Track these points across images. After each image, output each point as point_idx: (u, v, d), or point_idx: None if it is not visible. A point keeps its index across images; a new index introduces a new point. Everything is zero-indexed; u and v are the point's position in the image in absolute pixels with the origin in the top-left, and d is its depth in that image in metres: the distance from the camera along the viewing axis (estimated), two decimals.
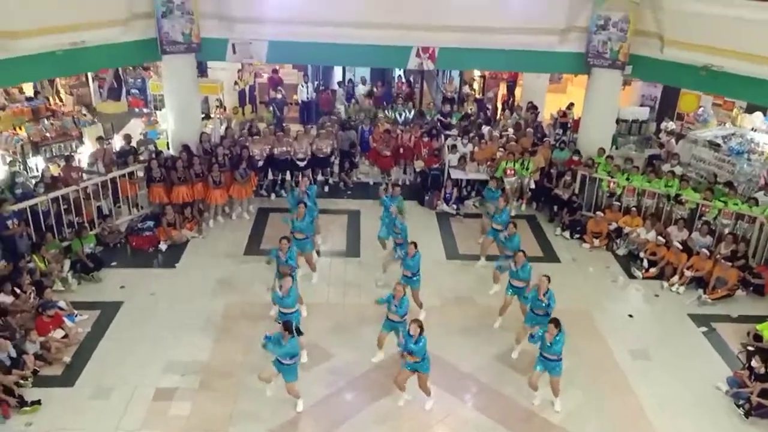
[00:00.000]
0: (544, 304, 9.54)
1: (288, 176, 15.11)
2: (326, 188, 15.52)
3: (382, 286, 11.28)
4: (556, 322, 8.71)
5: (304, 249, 11.32)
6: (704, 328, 11.14)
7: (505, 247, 11.40)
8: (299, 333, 9.03)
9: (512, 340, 10.20)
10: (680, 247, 12.52)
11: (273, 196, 14.94)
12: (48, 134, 15.35)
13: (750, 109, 17.39)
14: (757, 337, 10.50)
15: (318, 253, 12.60)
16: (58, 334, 9.98)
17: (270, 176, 15.22)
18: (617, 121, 16.72)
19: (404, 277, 10.44)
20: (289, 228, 11.32)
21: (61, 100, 18.20)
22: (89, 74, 18.57)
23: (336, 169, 15.97)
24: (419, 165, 15.74)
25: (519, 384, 9.42)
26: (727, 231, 12.79)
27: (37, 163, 14.71)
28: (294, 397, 8.86)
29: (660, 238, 12.88)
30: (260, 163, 14.64)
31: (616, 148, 16.35)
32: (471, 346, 10.38)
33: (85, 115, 16.88)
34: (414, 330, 8.45)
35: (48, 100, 17.36)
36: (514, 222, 11.55)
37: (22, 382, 9.04)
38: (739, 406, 9.28)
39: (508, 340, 10.30)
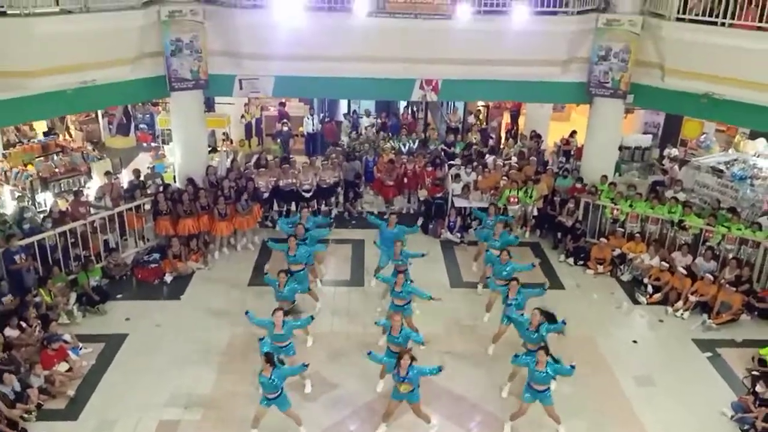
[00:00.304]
0: (535, 337, 9.44)
1: (294, 207, 15.23)
2: (331, 218, 15.63)
3: (381, 312, 11.34)
4: (547, 350, 8.69)
5: (300, 282, 11.20)
6: (709, 354, 11.09)
7: (499, 277, 11.26)
8: (281, 363, 8.90)
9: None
10: (684, 272, 12.51)
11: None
12: (57, 170, 15.63)
13: (753, 135, 17.47)
14: (762, 362, 10.44)
15: (320, 281, 12.72)
16: (63, 367, 10.07)
17: (276, 207, 15.35)
18: (620, 149, 16.83)
19: (395, 306, 10.43)
20: (286, 261, 11.37)
21: (70, 136, 18.56)
22: (99, 110, 18.95)
23: (341, 199, 16.12)
24: (423, 194, 15.86)
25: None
26: (731, 256, 12.78)
27: (45, 198, 14.96)
28: (296, 423, 8.85)
29: (664, 263, 12.87)
30: (266, 195, 14.80)
31: (620, 175, 16.45)
32: (475, 375, 10.39)
33: (93, 150, 17.19)
34: (404, 363, 8.37)
35: (57, 135, 17.72)
36: (508, 250, 11.51)
37: (26, 416, 9.10)
38: None
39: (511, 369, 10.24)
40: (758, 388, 9.67)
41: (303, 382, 9.87)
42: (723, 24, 12.22)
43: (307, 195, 15.06)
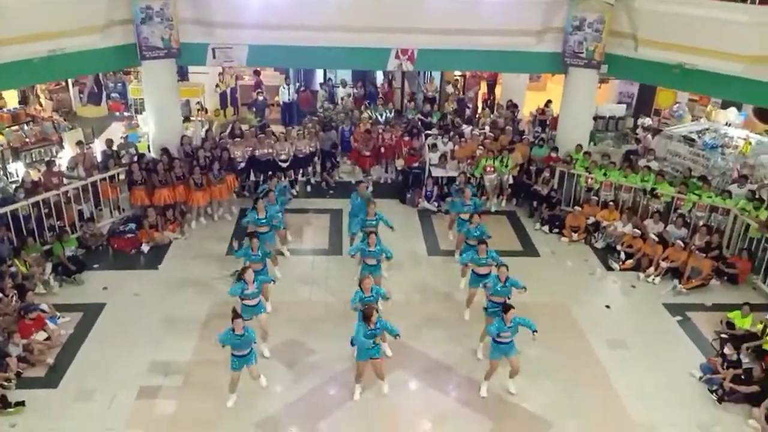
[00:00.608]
0: (505, 290, 9.57)
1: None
2: (308, 188, 15.66)
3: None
4: (512, 307, 8.88)
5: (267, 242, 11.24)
6: (679, 317, 11.36)
7: (470, 237, 11.36)
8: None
9: None
10: (656, 239, 12.74)
11: None
12: (28, 139, 15.36)
13: (725, 105, 17.75)
14: (730, 325, 10.76)
15: (287, 251, 12.79)
16: (41, 336, 10.02)
17: (252, 177, 15.29)
18: (595, 118, 17.01)
19: (367, 266, 10.56)
20: (253, 225, 11.45)
21: (41, 105, 18.21)
22: (69, 79, 18.59)
23: (318, 168, 16.09)
24: (400, 164, 15.91)
25: (498, 375, 9.47)
26: (701, 223, 13.06)
27: (17, 168, 14.72)
28: (256, 377, 9.03)
29: (636, 230, 13.10)
30: (242, 165, 14.72)
31: (594, 144, 16.62)
32: (451, 340, 10.53)
33: (64, 119, 16.91)
34: (374, 318, 8.64)
35: (27, 105, 17.40)
36: (479, 213, 11.60)
37: (5, 384, 9.07)
38: (712, 392, 9.49)
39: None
40: (726, 350, 9.95)
41: (261, 348, 9.87)
42: None
43: (284, 165, 15.01)
